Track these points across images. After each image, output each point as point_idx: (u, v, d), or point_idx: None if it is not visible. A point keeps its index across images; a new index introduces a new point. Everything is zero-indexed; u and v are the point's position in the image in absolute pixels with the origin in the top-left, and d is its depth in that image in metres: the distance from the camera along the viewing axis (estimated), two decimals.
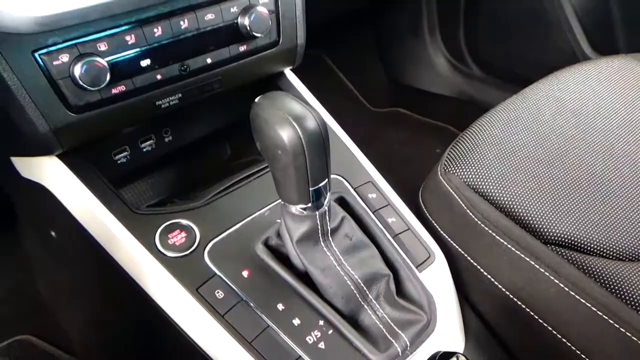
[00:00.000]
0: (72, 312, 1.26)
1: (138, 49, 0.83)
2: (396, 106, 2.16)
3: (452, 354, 0.72)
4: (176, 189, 1.12)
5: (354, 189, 0.98)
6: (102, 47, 0.79)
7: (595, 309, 0.83)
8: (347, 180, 0.99)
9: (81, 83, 0.78)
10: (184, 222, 0.87)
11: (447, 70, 2.00)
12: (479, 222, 0.95)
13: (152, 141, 1.06)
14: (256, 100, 0.69)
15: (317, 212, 0.75)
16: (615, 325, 0.82)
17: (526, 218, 0.96)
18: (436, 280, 0.93)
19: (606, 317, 0.82)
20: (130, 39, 0.81)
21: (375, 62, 2.19)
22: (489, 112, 1.18)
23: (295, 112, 0.66)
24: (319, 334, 0.80)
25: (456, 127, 2.00)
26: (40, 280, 1.35)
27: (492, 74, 1.91)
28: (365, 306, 0.81)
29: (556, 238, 0.94)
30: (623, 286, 0.86)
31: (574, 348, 0.85)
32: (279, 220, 0.83)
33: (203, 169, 1.16)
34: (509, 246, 0.92)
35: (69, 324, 1.28)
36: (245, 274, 0.83)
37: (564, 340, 0.86)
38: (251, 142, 0.73)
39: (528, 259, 0.90)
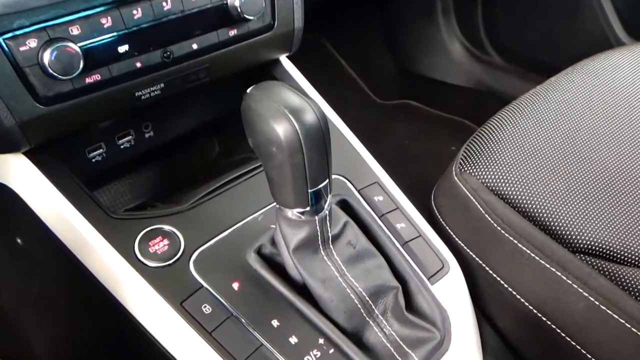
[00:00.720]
0: (40, 328, 1.26)
1: (115, 34, 0.83)
2: (406, 98, 2.17)
3: None
4: (158, 191, 1.12)
5: (358, 191, 0.98)
6: (75, 31, 0.79)
7: (629, 325, 0.83)
8: (350, 181, 0.99)
9: (51, 71, 0.78)
10: (167, 227, 0.87)
11: (463, 58, 2.01)
12: (499, 228, 0.95)
13: (130, 137, 1.06)
14: (248, 90, 0.70)
15: (316, 217, 0.75)
16: None
17: (552, 223, 0.96)
18: (450, 293, 0.93)
19: None
20: (106, 21, 0.81)
21: (382, 47, 2.20)
22: (510, 104, 1.18)
23: (292, 104, 0.67)
24: (318, 354, 0.80)
25: (473, 121, 2.00)
26: (5, 293, 1.35)
27: (514, 61, 1.92)
28: (371, 322, 0.81)
29: (585, 246, 0.94)
30: None
31: None
32: (273, 226, 0.83)
33: (188, 168, 1.16)
34: (532, 255, 0.92)
35: (37, 341, 1.27)
36: (235, 286, 0.83)
37: None
38: (242, 138, 0.73)
39: (554, 269, 0.90)
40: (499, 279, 0.96)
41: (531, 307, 0.93)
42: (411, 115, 2.12)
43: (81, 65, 0.79)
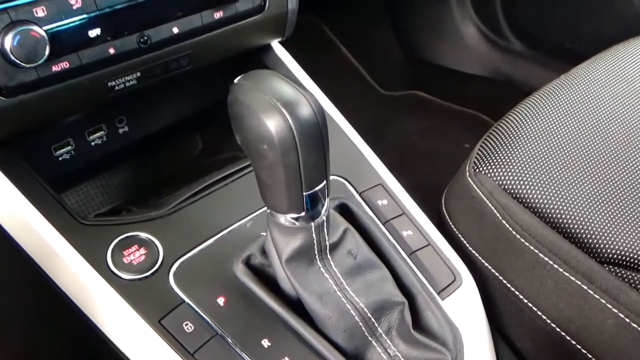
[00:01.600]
0: (1, 346, 1.26)
1: (85, 16, 0.83)
2: (413, 88, 2.17)
3: None
4: (133, 194, 1.12)
5: (360, 194, 0.99)
6: (40, 12, 0.80)
7: None
8: (350, 183, 0.99)
9: (13, 58, 0.78)
10: (143, 235, 0.87)
11: (479, 43, 2.01)
12: (518, 236, 0.96)
13: (102, 132, 1.06)
14: (236, 80, 0.70)
15: (312, 223, 0.75)
16: None
17: (577, 230, 0.96)
18: (463, 309, 0.93)
19: None
20: (75, 2, 0.82)
21: (386, 31, 2.20)
22: (531, 96, 1.18)
23: (285, 95, 0.67)
24: None
25: (489, 115, 2.01)
26: None
27: (536, 48, 1.92)
28: (374, 342, 0.82)
29: (615, 256, 0.95)
30: None
31: None
32: (264, 234, 0.83)
33: (168, 168, 1.17)
34: (555, 266, 0.93)
35: None
36: (221, 301, 0.84)
37: None
38: (229, 134, 0.73)
39: (579, 283, 0.90)
40: (517, 293, 0.97)
41: (554, 325, 0.93)
42: (420, 108, 2.12)
43: (47, 52, 0.80)
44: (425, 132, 2.03)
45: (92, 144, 1.05)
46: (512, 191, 1.01)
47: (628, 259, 0.94)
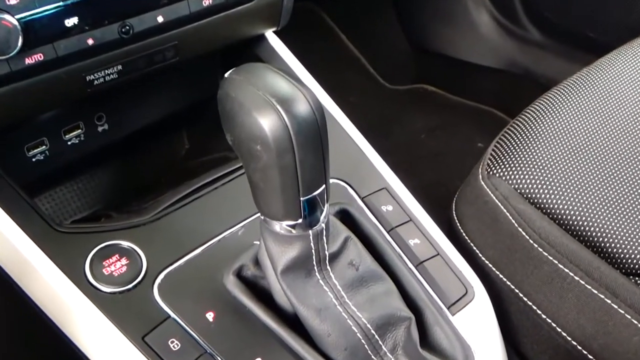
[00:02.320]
0: None
1: (61, 3, 0.83)
2: (421, 82, 2.17)
3: None
4: (114, 198, 1.13)
5: (362, 199, 0.99)
6: (12, 0, 0.80)
7: None
8: (352, 187, 1.00)
9: None
10: (125, 244, 0.88)
11: (493, 32, 2.01)
12: (535, 245, 0.96)
13: (80, 131, 1.06)
14: (226, 75, 0.70)
15: (310, 231, 0.75)
16: None
17: (600, 240, 0.97)
18: (475, 325, 0.94)
19: None
20: None
21: (391, 19, 2.20)
22: (550, 90, 1.18)
23: (281, 91, 0.67)
24: None
25: (505, 111, 2.01)
26: None
27: (556, 37, 1.92)
28: None
29: None
30: None
31: None
32: (257, 242, 0.84)
33: (151, 169, 1.17)
34: (577, 278, 0.93)
35: None
36: (210, 316, 0.84)
37: None
38: (219, 133, 0.74)
39: (603, 296, 0.91)
40: (535, 307, 0.97)
41: (575, 343, 0.93)
42: (428, 104, 2.13)
43: (20, 43, 0.80)
44: (433, 130, 2.03)
45: (69, 143, 1.06)
46: (529, 195, 1.01)
47: None
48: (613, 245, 0.96)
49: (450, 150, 1.94)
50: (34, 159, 1.03)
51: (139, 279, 0.86)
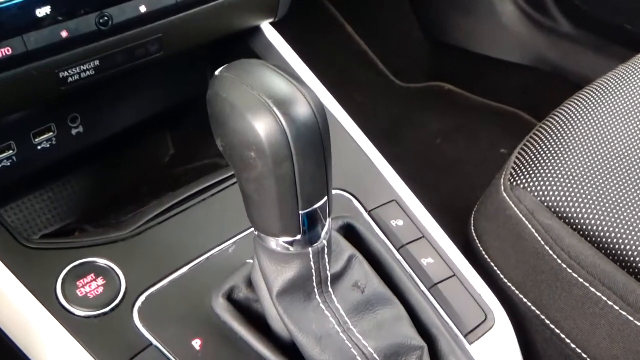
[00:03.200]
0: None
1: None
2: (438, 80, 2.17)
3: None
4: (89, 210, 1.13)
5: (369, 213, 1.00)
6: None
7: None
8: (358, 199, 1.00)
9: None
10: (102, 262, 0.88)
11: (519, 24, 2.01)
12: (564, 265, 0.96)
13: (51, 134, 1.06)
14: (217, 72, 0.71)
15: (310, 249, 0.75)
16: None
17: (637, 260, 0.97)
18: (496, 356, 0.94)
19: None
20: None
21: (404, 8, 2.20)
22: (583, 90, 1.19)
23: (278, 91, 0.68)
24: None
25: (531, 113, 2.01)
26: None
27: (589, 30, 1.92)
28: None
29: None
30: None
31: None
32: (250, 261, 0.84)
33: (132, 178, 1.17)
34: (610, 303, 0.93)
35: None
36: (196, 344, 0.84)
37: None
38: (207, 137, 0.74)
39: (639, 324, 0.92)
40: (563, 336, 0.97)
41: None
42: (445, 105, 2.13)
43: None
44: (451, 134, 2.03)
45: (39, 148, 1.06)
46: (558, 210, 1.02)
47: None
48: None
49: (469, 157, 1.94)
50: None
51: (117, 301, 0.86)
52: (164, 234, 0.93)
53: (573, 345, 0.96)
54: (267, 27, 1.13)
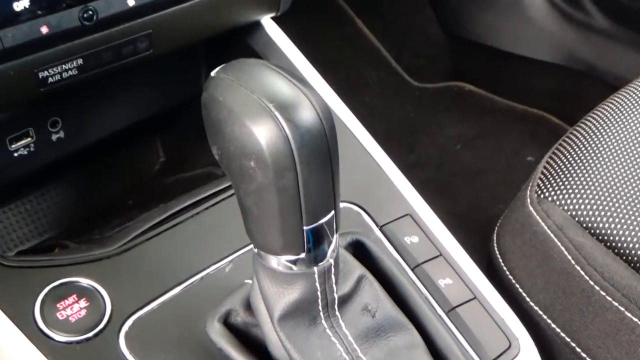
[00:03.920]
0: None
1: None
2: (457, 79, 2.18)
3: None
4: (71, 223, 1.13)
5: (381, 228, 1.00)
6: None
7: None
8: (368, 213, 1.00)
9: None
10: (85, 282, 0.88)
11: (548, 18, 2.01)
12: (597, 287, 0.96)
13: (30, 139, 1.07)
14: (213, 73, 0.71)
15: (315, 268, 0.76)
16: None
17: None
18: None
19: None
20: None
21: (421, 2, 2.21)
22: (620, 91, 1.18)
23: (280, 94, 0.68)
24: None
25: (561, 116, 2.01)
26: None
27: (627, 24, 1.91)
28: None
29: None
30: None
31: None
32: (249, 281, 0.84)
33: (118, 189, 1.17)
34: None
35: None
36: None
37: None
38: (201, 143, 0.74)
39: None
40: None
41: None
42: (465, 107, 2.13)
43: None
44: (471, 140, 2.03)
45: (15, 154, 1.06)
46: (590, 225, 1.02)
47: None
48: None
49: (491, 165, 1.93)
50: None
51: (102, 325, 0.86)
52: (153, 251, 0.93)
53: None
54: (268, 22, 1.13)
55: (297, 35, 1.16)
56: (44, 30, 0.88)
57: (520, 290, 1.04)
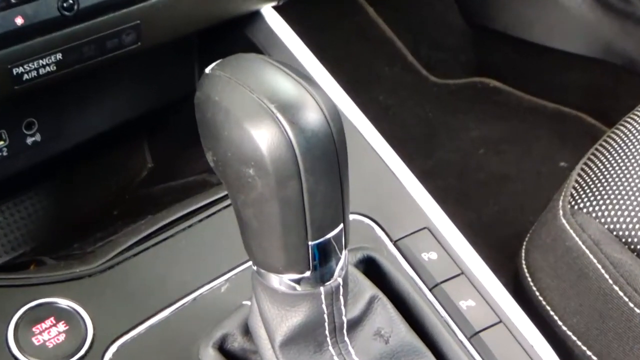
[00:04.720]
0: None
1: None
2: (481, 74, 2.18)
3: None
4: (48, 237, 1.13)
5: (395, 243, 1.00)
6: None
7: None
8: (381, 226, 1.01)
9: None
10: (64, 303, 0.89)
11: (585, 7, 2.01)
12: (638, 310, 0.96)
13: (2, 143, 1.07)
14: (208, 70, 0.71)
15: (322, 289, 0.76)
16: None
17: None
18: None
19: None
20: None
21: None
22: None
23: (282, 93, 0.68)
24: None
25: (598, 117, 2.01)
26: None
27: None
28: None
29: None
30: None
31: None
32: (247, 303, 0.84)
33: (100, 198, 1.17)
34: None
35: None
36: None
37: None
38: (194, 148, 0.74)
39: None
40: None
41: None
42: (490, 106, 2.13)
43: None
44: (497, 142, 2.04)
45: None
46: (630, 240, 1.02)
47: None
48: None
49: (519, 172, 1.94)
50: None
51: (82, 352, 0.86)
52: (140, 269, 0.93)
53: None
54: (268, 12, 1.13)
55: (301, 27, 1.16)
56: (19, 21, 0.89)
57: (552, 313, 1.04)
